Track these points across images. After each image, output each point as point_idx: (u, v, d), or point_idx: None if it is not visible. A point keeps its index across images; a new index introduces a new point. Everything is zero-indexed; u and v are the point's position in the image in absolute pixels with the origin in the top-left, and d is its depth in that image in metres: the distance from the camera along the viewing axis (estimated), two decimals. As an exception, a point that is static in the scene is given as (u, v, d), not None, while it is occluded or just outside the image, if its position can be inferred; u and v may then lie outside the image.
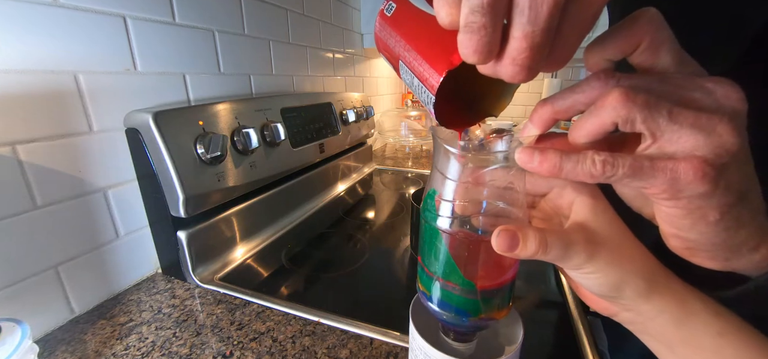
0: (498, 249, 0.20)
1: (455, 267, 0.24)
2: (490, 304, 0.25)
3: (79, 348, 0.42)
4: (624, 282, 0.20)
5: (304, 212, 0.80)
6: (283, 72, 0.84)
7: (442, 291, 0.25)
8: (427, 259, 0.26)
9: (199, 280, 0.54)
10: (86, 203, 0.48)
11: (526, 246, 0.20)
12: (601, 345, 0.49)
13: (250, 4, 0.71)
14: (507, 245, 0.20)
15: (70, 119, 0.45)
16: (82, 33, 0.45)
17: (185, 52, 0.59)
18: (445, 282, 0.25)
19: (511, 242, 0.20)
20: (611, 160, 0.18)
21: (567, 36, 0.17)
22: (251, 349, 0.42)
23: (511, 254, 0.20)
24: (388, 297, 0.53)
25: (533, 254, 0.20)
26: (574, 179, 0.19)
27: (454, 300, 0.25)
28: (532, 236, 0.20)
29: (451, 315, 0.26)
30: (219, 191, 0.56)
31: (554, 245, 0.20)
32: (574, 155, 0.19)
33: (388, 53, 0.25)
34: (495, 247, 0.20)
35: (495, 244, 0.20)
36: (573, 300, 0.50)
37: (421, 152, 1.37)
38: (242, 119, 0.61)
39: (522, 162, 0.21)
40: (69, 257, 0.46)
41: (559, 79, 1.78)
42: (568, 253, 0.20)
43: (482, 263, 0.24)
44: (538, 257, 0.20)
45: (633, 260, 0.21)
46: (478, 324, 0.26)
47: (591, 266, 0.20)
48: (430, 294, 0.26)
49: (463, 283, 0.24)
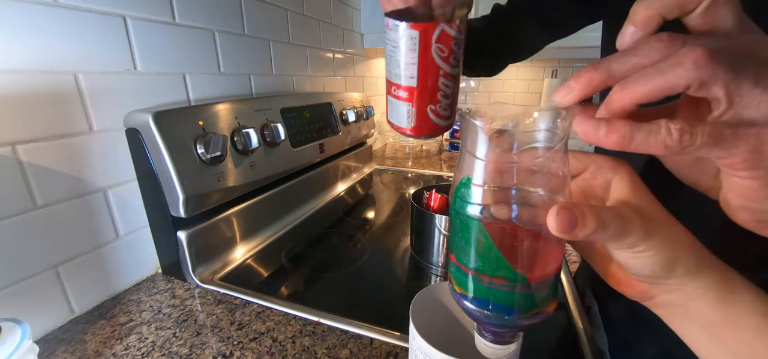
0: (556, 231, 0.19)
1: (503, 261, 0.22)
2: (543, 296, 0.23)
3: (79, 348, 0.42)
4: (676, 259, 0.20)
5: (304, 212, 0.80)
6: (283, 72, 0.84)
7: (488, 289, 0.23)
8: (465, 256, 0.23)
9: (199, 280, 0.54)
10: (86, 203, 0.48)
11: (586, 225, 0.18)
12: (601, 344, 0.49)
13: (250, 4, 0.71)
14: (566, 225, 0.18)
15: (70, 119, 0.45)
16: (82, 33, 0.45)
17: (185, 52, 0.59)
18: (490, 278, 0.22)
19: (570, 222, 0.18)
20: (689, 129, 0.17)
21: None
22: (251, 349, 0.42)
23: (568, 235, 0.19)
24: (388, 297, 0.53)
25: (591, 234, 0.18)
26: (646, 150, 0.18)
27: (502, 297, 0.23)
28: (590, 214, 0.18)
29: (500, 316, 0.23)
30: (219, 191, 0.56)
31: (612, 223, 0.19)
32: (645, 126, 0.17)
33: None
34: (553, 228, 0.19)
35: (553, 225, 0.18)
36: (573, 299, 0.50)
37: (421, 152, 1.37)
38: (242, 119, 0.61)
39: (585, 135, 0.19)
40: (69, 257, 0.46)
41: (559, 80, 1.78)
42: (625, 231, 0.19)
43: (533, 253, 0.22)
44: (593, 237, 0.19)
45: (683, 235, 0.20)
46: (531, 320, 0.23)
47: (645, 244, 0.19)
48: (470, 295, 0.23)
49: (513, 277, 0.22)
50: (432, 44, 0.26)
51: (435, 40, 0.26)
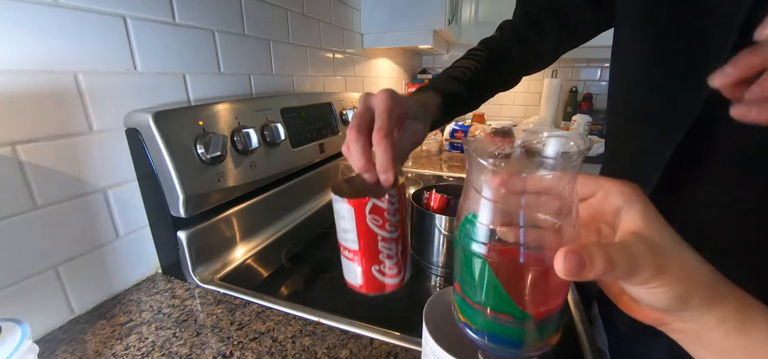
0: (564, 274, 0.18)
1: (508, 299, 0.22)
2: (546, 331, 0.23)
3: (79, 348, 0.42)
4: (691, 293, 0.19)
5: (304, 212, 0.80)
6: (283, 72, 0.84)
7: (493, 324, 0.23)
8: (470, 290, 0.23)
9: (199, 280, 0.54)
10: (86, 203, 0.48)
11: (595, 267, 0.18)
12: (601, 344, 0.49)
13: (250, 4, 0.71)
14: (575, 268, 0.18)
15: (70, 119, 0.45)
16: (82, 33, 0.45)
17: (185, 52, 0.59)
18: (495, 313, 0.22)
19: (578, 265, 0.18)
20: None
21: None
22: (251, 349, 0.42)
23: (576, 278, 0.18)
24: (388, 297, 0.53)
25: (601, 275, 0.18)
26: None
27: (507, 332, 0.23)
28: (598, 255, 0.18)
29: (504, 348, 0.23)
30: (219, 191, 0.56)
31: (621, 262, 0.18)
32: None
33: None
34: (560, 272, 0.18)
35: (561, 269, 0.18)
36: (573, 299, 0.50)
37: (421, 152, 1.37)
38: (242, 119, 0.61)
39: (739, 113, 0.20)
40: (69, 257, 0.46)
41: (559, 80, 1.78)
42: (635, 269, 0.18)
43: (539, 291, 0.22)
44: (603, 277, 0.18)
45: (697, 269, 0.20)
46: (536, 352, 0.23)
47: (658, 281, 0.19)
48: (475, 327, 0.24)
49: (518, 314, 0.22)
50: (366, 215, 0.29)
51: (368, 212, 0.29)
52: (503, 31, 0.59)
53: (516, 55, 0.57)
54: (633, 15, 0.42)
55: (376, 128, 0.31)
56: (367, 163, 0.31)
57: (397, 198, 0.30)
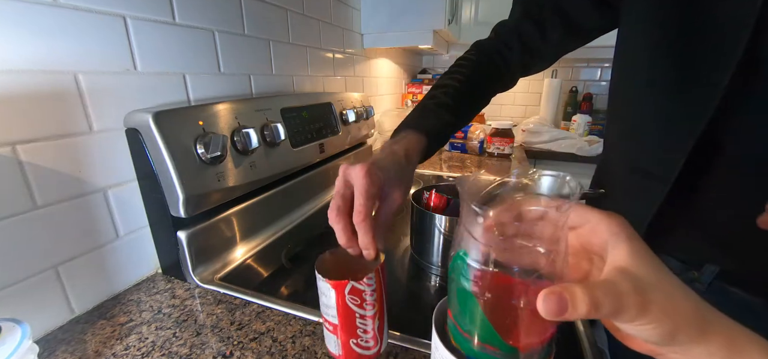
0: (546, 315, 0.19)
1: (495, 333, 0.23)
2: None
3: (79, 348, 0.42)
4: (677, 330, 0.19)
5: (304, 212, 0.80)
6: (283, 72, 0.84)
7: (481, 353, 0.24)
8: (461, 319, 0.24)
9: (199, 280, 0.54)
10: (86, 203, 0.48)
11: (577, 308, 0.18)
12: (601, 344, 0.49)
13: (250, 4, 0.71)
14: (556, 309, 0.19)
15: (70, 119, 0.45)
16: (82, 33, 0.45)
17: (185, 52, 0.59)
18: (482, 345, 0.23)
19: (560, 306, 0.19)
20: None
21: None
22: (251, 349, 0.42)
23: (558, 318, 0.19)
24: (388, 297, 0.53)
25: (584, 315, 0.19)
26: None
27: None
28: (581, 296, 0.18)
29: None
30: (219, 191, 0.56)
31: (604, 302, 0.19)
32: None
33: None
34: (542, 313, 0.19)
35: (542, 310, 0.19)
36: (573, 299, 0.50)
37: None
38: (242, 119, 0.61)
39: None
40: (69, 257, 0.46)
41: (559, 80, 1.78)
42: (619, 309, 0.19)
43: (525, 327, 0.22)
44: (589, 317, 0.19)
45: (683, 304, 0.20)
46: None
47: (644, 319, 0.19)
48: (465, 354, 0.25)
49: (504, 348, 0.23)
50: (346, 296, 0.32)
51: (347, 293, 0.32)
52: (499, 32, 0.59)
53: (515, 56, 0.57)
54: (641, 14, 0.42)
55: (355, 211, 0.33)
56: (349, 240, 0.33)
57: (375, 279, 0.33)
